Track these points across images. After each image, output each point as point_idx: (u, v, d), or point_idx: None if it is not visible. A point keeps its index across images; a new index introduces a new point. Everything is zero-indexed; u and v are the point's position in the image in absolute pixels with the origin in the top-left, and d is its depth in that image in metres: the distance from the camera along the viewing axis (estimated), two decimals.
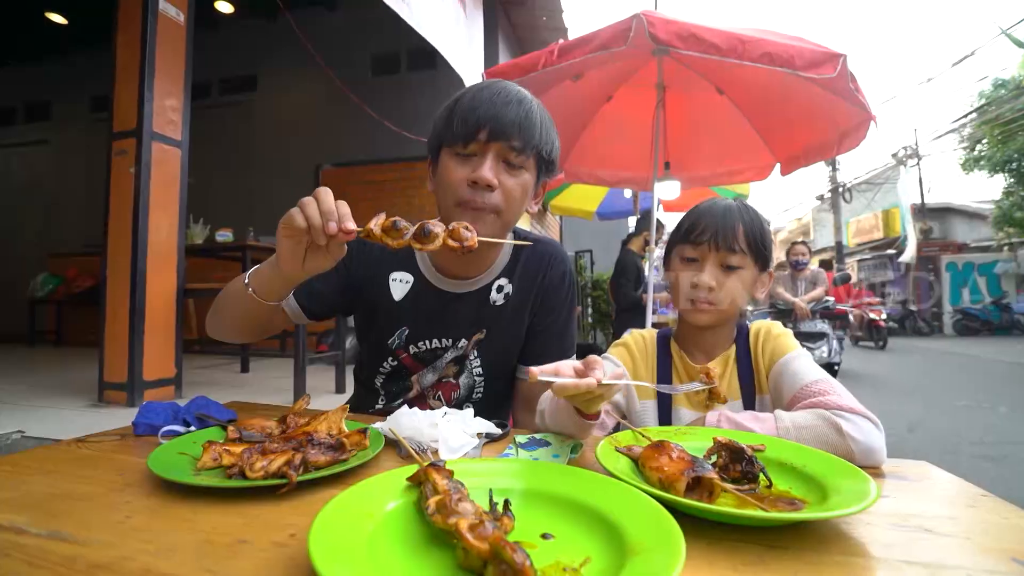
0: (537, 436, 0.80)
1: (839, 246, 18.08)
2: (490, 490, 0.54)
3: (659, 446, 0.64)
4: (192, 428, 0.82)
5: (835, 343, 4.10)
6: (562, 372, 0.67)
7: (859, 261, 21.21)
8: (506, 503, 0.52)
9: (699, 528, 0.51)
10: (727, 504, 0.57)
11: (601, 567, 0.43)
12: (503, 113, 0.89)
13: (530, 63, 2.85)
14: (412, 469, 0.55)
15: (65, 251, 5.89)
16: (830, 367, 4.06)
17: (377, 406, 1.10)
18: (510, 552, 0.37)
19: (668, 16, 2.59)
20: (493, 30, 5.44)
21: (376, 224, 0.73)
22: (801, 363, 0.92)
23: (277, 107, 6.10)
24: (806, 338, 4.14)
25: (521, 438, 0.79)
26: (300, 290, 1.02)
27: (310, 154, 5.63)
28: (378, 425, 0.79)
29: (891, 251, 18.40)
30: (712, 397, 0.93)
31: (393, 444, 0.77)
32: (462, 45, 2.91)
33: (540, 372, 0.66)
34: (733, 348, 1.01)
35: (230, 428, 0.76)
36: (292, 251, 0.75)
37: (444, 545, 0.46)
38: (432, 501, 0.48)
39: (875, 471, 0.72)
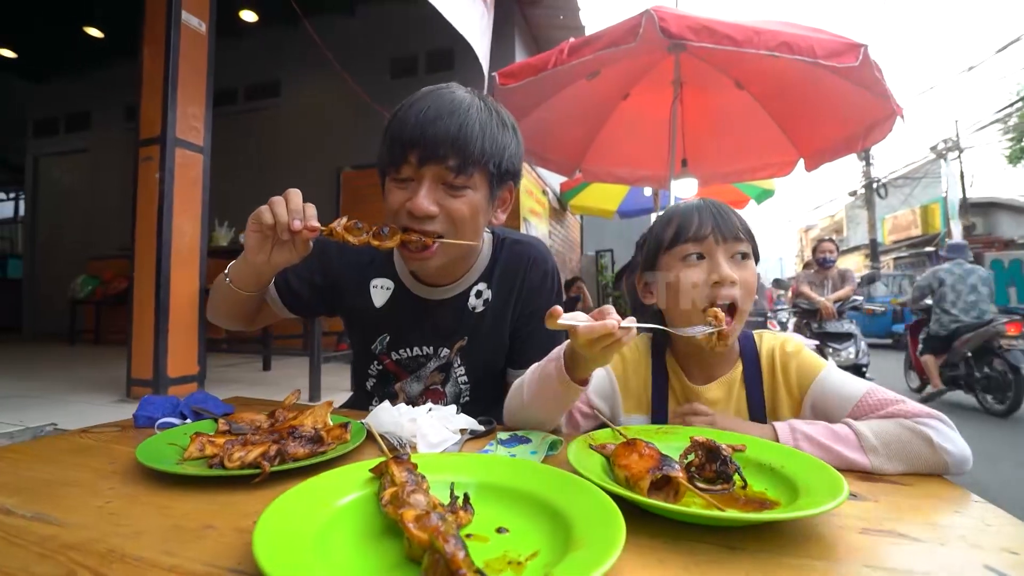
0: (519, 433, 0.80)
1: (874, 244, 17.41)
2: (451, 483, 0.55)
3: (631, 444, 0.63)
4: (188, 421, 0.85)
5: (863, 344, 3.95)
6: (586, 322, 0.65)
7: (895, 259, 20.40)
8: (465, 497, 0.53)
9: (661, 527, 0.51)
10: (697, 504, 0.56)
11: (546, 560, 0.43)
12: (432, 131, 0.81)
13: (541, 63, 2.85)
14: (378, 461, 0.56)
15: (102, 254, 6.19)
16: (857, 368, 3.91)
17: (371, 407, 1.12)
18: (442, 542, 0.38)
19: (681, 11, 2.55)
20: (509, 30, 5.45)
21: (339, 223, 0.78)
22: (837, 376, 0.82)
23: (300, 111, 6.26)
24: (832, 339, 4.00)
25: (503, 435, 0.79)
26: (281, 286, 1.05)
27: (331, 157, 5.76)
28: (365, 420, 0.81)
29: (930, 248, 17.63)
30: (721, 339, 0.81)
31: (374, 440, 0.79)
32: (486, 44, 2.93)
33: (563, 318, 0.65)
34: (739, 367, 0.88)
35: (220, 421, 0.79)
36: (259, 245, 0.81)
37: (397, 536, 0.47)
38: (387, 492, 0.49)
39: (865, 475, 0.69)
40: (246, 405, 1.04)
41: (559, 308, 0.66)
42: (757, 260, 0.90)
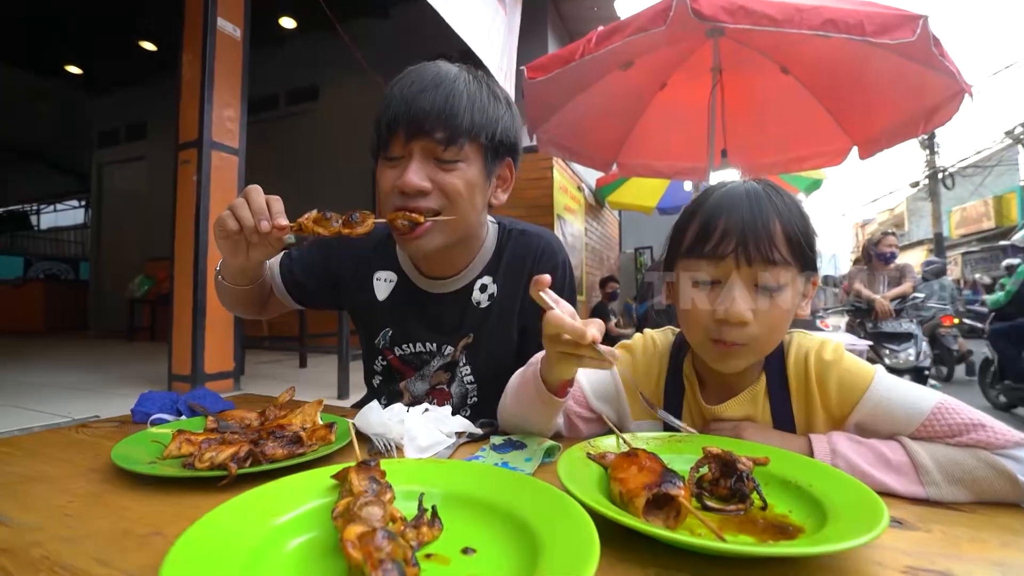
0: (514, 438, 0.74)
1: (939, 237, 16.16)
2: (420, 495, 0.50)
3: (632, 456, 0.56)
4: (183, 417, 0.84)
5: (924, 344, 3.63)
6: (562, 312, 0.60)
7: (964, 255, 18.92)
8: (433, 510, 0.47)
9: (655, 554, 0.44)
10: (703, 530, 0.49)
11: None
12: (417, 104, 0.78)
13: (569, 53, 2.76)
14: (342, 467, 0.51)
15: (157, 255, 6.56)
16: (919, 372, 3.59)
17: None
18: (371, 568, 0.32)
19: None
20: (541, 24, 5.37)
21: (307, 218, 0.76)
22: (892, 388, 0.65)
23: (337, 114, 6.41)
24: (890, 339, 3.69)
25: (497, 439, 0.73)
26: (287, 277, 1.04)
27: (367, 157, 5.82)
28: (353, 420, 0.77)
29: (1005, 242, 16.21)
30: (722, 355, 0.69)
31: (366, 440, 0.75)
32: (499, 44, 2.88)
33: (547, 295, 0.61)
34: (763, 380, 0.73)
35: (209, 419, 0.76)
36: (232, 250, 0.79)
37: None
38: (341, 503, 0.44)
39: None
40: (249, 402, 1.03)
41: (547, 277, 0.62)
42: (805, 269, 0.68)
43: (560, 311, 0.60)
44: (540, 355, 0.70)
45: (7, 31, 6.13)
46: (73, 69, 7.33)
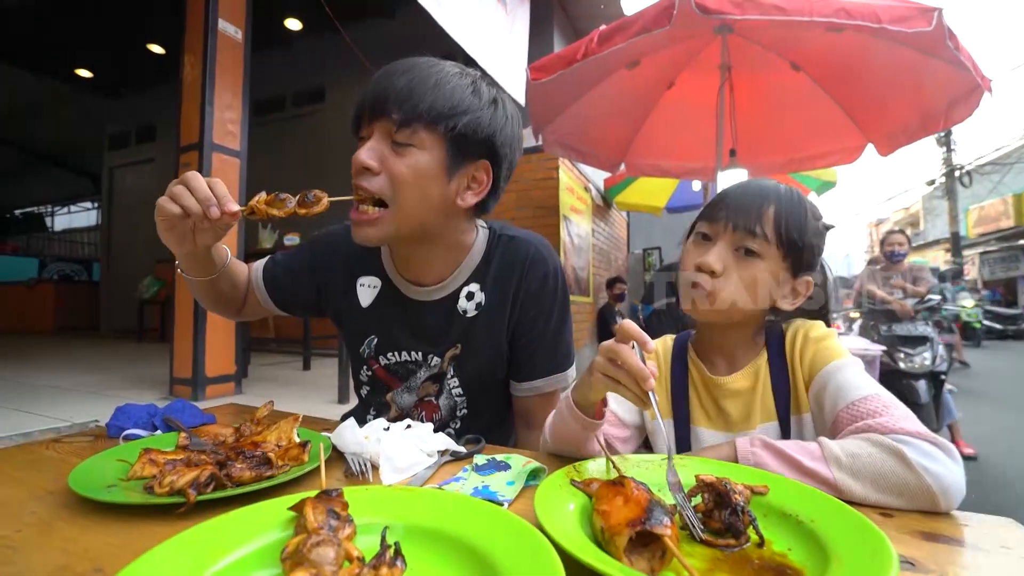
0: (498, 458, 0.69)
1: (955, 237, 15.83)
2: (384, 529, 0.46)
3: (618, 484, 0.52)
4: (158, 432, 0.81)
5: (940, 348, 3.51)
6: (632, 351, 0.62)
7: (982, 254, 18.54)
8: (396, 548, 0.43)
9: None
10: (697, 566, 0.45)
11: None
12: (385, 86, 0.77)
13: (571, 53, 2.71)
14: (301, 497, 0.48)
15: (166, 257, 6.61)
16: (935, 376, 3.48)
17: (368, 418, 1.05)
18: None
19: None
20: (547, 23, 5.32)
21: (258, 200, 0.75)
22: (849, 373, 0.72)
23: (343, 115, 6.37)
24: (904, 343, 3.58)
25: (480, 459, 0.69)
26: (269, 281, 1.01)
27: None
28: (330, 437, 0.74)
29: None
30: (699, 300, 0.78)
31: (343, 459, 0.71)
32: (498, 45, 2.84)
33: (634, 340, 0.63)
34: (764, 355, 0.82)
35: (181, 435, 0.73)
36: (179, 239, 0.76)
37: None
38: (292, 541, 0.40)
39: (928, 535, 0.54)
40: (235, 414, 1.00)
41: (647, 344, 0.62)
42: (798, 270, 0.79)
43: (632, 358, 0.61)
44: (566, 393, 0.73)
45: (17, 36, 6.21)
46: (83, 72, 7.42)
